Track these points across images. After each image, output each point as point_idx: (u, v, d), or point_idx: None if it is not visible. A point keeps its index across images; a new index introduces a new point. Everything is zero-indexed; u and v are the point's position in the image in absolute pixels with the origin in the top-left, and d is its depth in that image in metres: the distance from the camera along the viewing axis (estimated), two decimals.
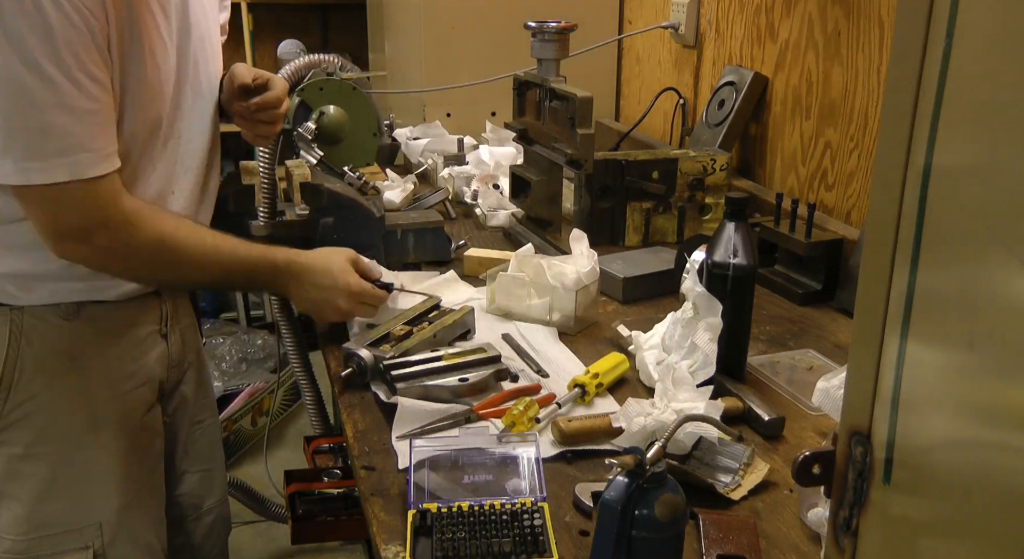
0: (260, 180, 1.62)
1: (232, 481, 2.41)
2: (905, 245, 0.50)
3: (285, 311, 2.10)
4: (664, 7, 2.36)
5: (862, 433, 0.54)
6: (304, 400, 2.24)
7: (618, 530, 0.82)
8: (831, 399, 0.97)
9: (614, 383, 1.28)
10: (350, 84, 1.82)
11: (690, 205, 1.86)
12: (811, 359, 1.38)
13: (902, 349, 0.51)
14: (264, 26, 3.68)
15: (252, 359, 3.29)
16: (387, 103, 2.73)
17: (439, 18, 2.44)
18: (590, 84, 1.76)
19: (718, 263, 1.23)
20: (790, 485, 1.06)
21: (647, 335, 1.34)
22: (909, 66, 0.48)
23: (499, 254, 1.69)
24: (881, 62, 1.62)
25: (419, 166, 2.29)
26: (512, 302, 1.49)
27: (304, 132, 1.75)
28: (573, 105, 1.61)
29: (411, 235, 1.67)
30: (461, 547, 0.93)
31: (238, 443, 3.00)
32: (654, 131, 2.47)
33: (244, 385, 3.12)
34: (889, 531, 0.53)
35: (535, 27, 1.70)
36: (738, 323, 1.25)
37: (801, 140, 1.87)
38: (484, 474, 1.04)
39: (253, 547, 2.59)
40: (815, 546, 0.95)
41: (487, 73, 2.19)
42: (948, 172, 0.47)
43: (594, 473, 1.08)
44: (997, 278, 0.43)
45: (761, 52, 1.99)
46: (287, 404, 3.26)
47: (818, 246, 1.58)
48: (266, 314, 3.82)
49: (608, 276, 1.59)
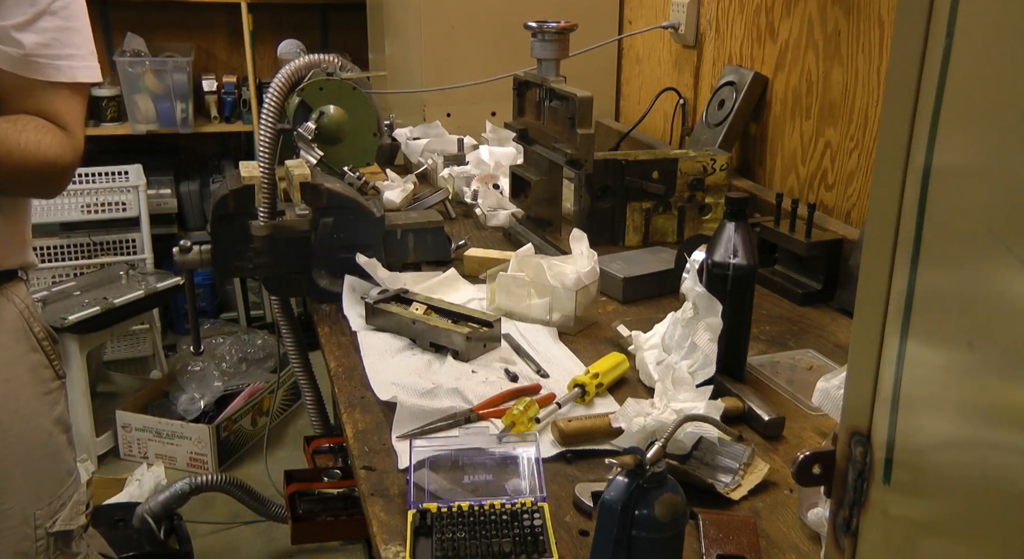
0: (260, 180, 1.61)
1: (232, 481, 2.41)
2: (905, 245, 0.50)
3: (285, 311, 2.10)
4: (664, 7, 2.36)
5: (862, 433, 0.54)
6: (304, 400, 2.25)
7: (618, 530, 0.82)
8: (831, 399, 0.97)
9: (614, 383, 1.28)
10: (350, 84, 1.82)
11: (690, 205, 1.86)
12: (811, 359, 1.38)
13: (902, 349, 0.51)
14: (264, 26, 3.68)
15: (252, 359, 3.29)
16: (387, 103, 2.73)
17: (439, 18, 2.44)
18: (590, 84, 1.76)
19: (718, 263, 1.23)
20: (790, 485, 1.06)
21: (647, 335, 1.34)
22: (909, 66, 0.48)
23: (499, 254, 1.69)
24: (881, 62, 1.62)
25: (419, 166, 2.29)
26: (512, 302, 1.49)
27: (304, 132, 1.74)
28: (573, 105, 1.61)
29: (411, 235, 1.67)
30: (461, 547, 0.93)
31: (238, 443, 3.00)
32: (654, 131, 2.47)
33: (244, 385, 3.12)
34: (889, 531, 0.53)
35: (535, 27, 1.70)
36: (738, 323, 1.25)
37: (801, 140, 1.87)
38: (484, 474, 1.04)
39: (253, 547, 2.59)
40: (815, 546, 0.95)
41: (487, 73, 2.19)
42: (948, 172, 0.47)
43: (594, 473, 1.08)
44: (997, 278, 0.43)
45: (761, 52, 1.99)
46: (287, 404, 3.26)
47: (818, 246, 1.58)
48: (266, 314, 3.82)
49: (608, 276, 1.59)
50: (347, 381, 1.31)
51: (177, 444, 2.89)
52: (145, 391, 3.07)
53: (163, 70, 3.37)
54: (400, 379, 1.26)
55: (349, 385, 1.29)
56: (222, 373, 3.12)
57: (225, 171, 3.67)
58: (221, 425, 2.89)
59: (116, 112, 3.48)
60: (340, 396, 1.27)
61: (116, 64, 3.36)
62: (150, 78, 3.39)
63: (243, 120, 3.61)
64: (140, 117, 3.43)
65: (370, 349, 1.37)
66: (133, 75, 3.36)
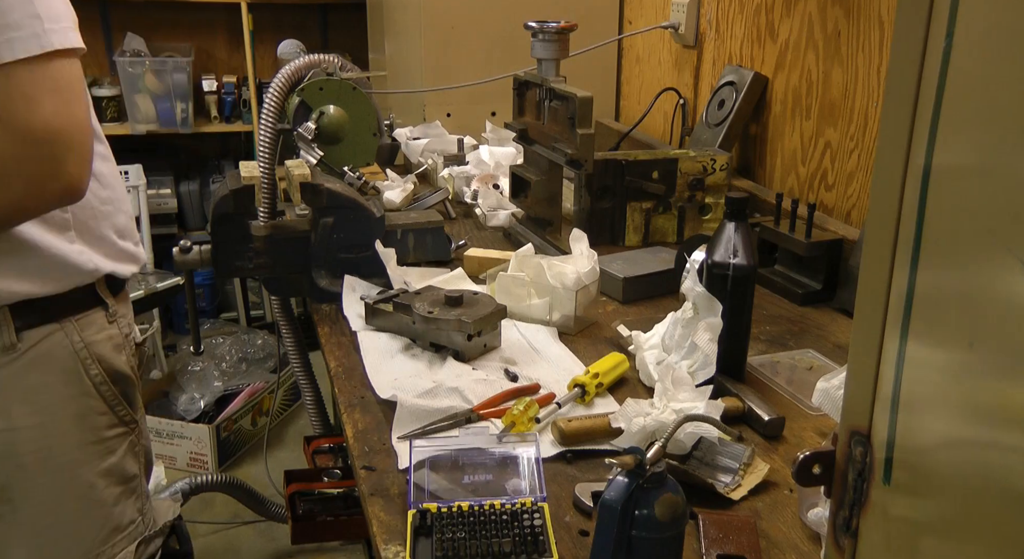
0: (260, 180, 1.62)
1: (232, 481, 2.41)
2: (905, 245, 0.50)
3: (285, 311, 2.10)
4: (664, 7, 2.36)
5: (862, 433, 0.54)
6: (304, 400, 2.24)
7: (618, 530, 0.81)
8: (831, 399, 0.97)
9: (614, 383, 1.28)
10: (350, 84, 1.82)
11: (690, 205, 1.86)
12: (811, 359, 1.38)
13: (902, 349, 0.51)
14: (264, 26, 3.68)
15: (252, 359, 3.29)
16: (387, 103, 2.73)
17: (439, 18, 2.44)
18: (590, 84, 1.76)
19: (718, 263, 1.23)
20: (790, 485, 1.06)
21: (647, 335, 1.34)
22: (909, 66, 0.48)
23: (499, 254, 1.69)
24: (881, 62, 1.62)
25: (419, 166, 2.29)
26: (512, 302, 1.49)
27: (304, 132, 1.74)
28: (573, 105, 1.61)
29: (411, 235, 1.67)
30: (461, 547, 0.93)
31: (238, 443, 3.00)
32: (654, 131, 2.47)
33: (244, 385, 3.12)
34: (889, 531, 0.53)
35: (535, 27, 1.70)
36: (738, 323, 1.25)
37: (801, 140, 1.87)
38: (484, 474, 1.04)
39: (253, 547, 2.59)
40: (815, 546, 0.95)
41: (487, 73, 2.18)
42: (948, 172, 0.47)
43: (594, 473, 1.08)
44: (997, 278, 0.43)
45: (761, 52, 1.98)
46: (287, 404, 3.26)
47: (818, 246, 1.58)
48: (266, 314, 3.82)
49: (608, 276, 1.59)
50: (347, 381, 1.31)
51: (177, 444, 2.89)
52: (145, 391, 3.06)
53: (163, 70, 3.38)
54: (400, 379, 1.26)
55: (349, 385, 1.29)
56: (222, 373, 3.12)
57: (225, 171, 3.67)
58: (221, 425, 2.89)
59: (116, 112, 3.48)
60: (340, 396, 1.27)
61: (116, 64, 3.36)
62: (150, 78, 3.39)
63: (243, 120, 3.61)
64: (140, 117, 3.43)
65: (370, 349, 1.38)
66: (133, 75, 3.36)
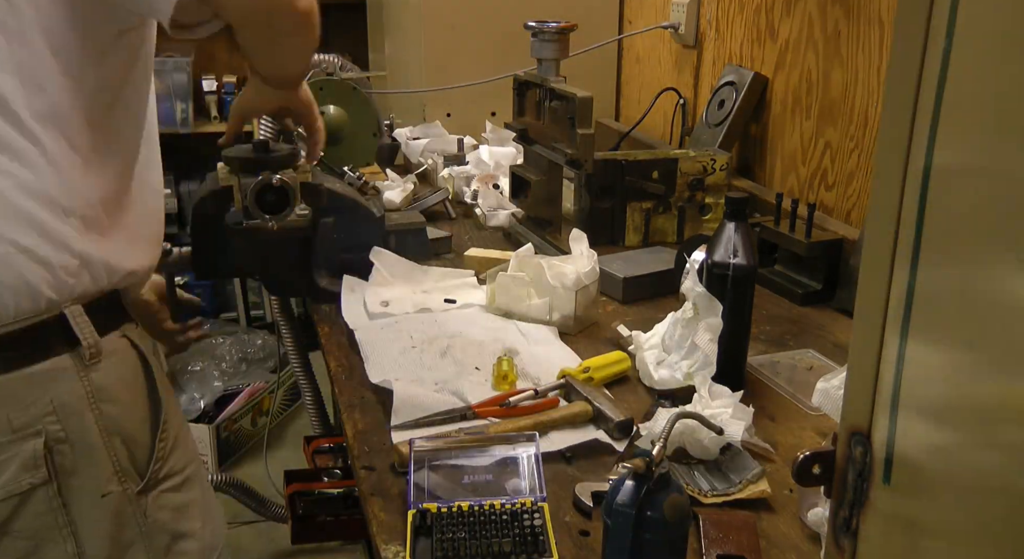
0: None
1: (232, 481, 2.41)
2: (905, 245, 0.50)
3: (285, 311, 2.10)
4: (664, 7, 2.36)
5: (862, 433, 0.54)
6: (304, 400, 2.25)
7: (633, 535, 0.81)
8: (831, 399, 0.97)
9: (610, 379, 1.28)
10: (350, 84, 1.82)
11: (690, 205, 1.86)
12: (811, 359, 1.38)
13: (902, 349, 0.51)
14: None
15: (252, 359, 3.29)
16: (387, 103, 2.73)
17: (439, 18, 2.44)
18: (590, 84, 1.76)
19: (718, 263, 1.23)
20: (790, 485, 1.05)
21: (647, 335, 1.34)
22: (909, 66, 0.48)
23: (499, 254, 1.68)
24: (881, 62, 1.62)
25: (419, 166, 2.29)
26: (512, 302, 1.49)
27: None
28: (573, 105, 1.61)
29: (392, 237, 1.66)
30: (461, 547, 0.93)
31: (238, 443, 3.00)
32: (654, 131, 2.47)
33: (244, 385, 3.12)
34: (889, 531, 0.53)
35: (535, 27, 1.70)
36: (738, 323, 1.25)
37: (801, 140, 1.87)
38: (484, 474, 1.04)
39: (253, 547, 2.59)
40: (815, 546, 0.95)
41: (487, 73, 2.19)
42: (948, 172, 0.47)
43: (594, 473, 1.08)
44: (997, 278, 0.43)
45: (761, 52, 1.98)
46: (287, 404, 3.26)
47: (818, 246, 1.58)
48: (266, 314, 3.82)
49: (608, 276, 1.59)
50: (347, 381, 1.31)
51: None
52: None
53: (163, 70, 3.37)
54: (399, 369, 1.27)
55: (349, 385, 1.29)
56: (222, 373, 3.12)
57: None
58: (221, 425, 2.89)
59: None
60: (340, 396, 1.27)
61: None
62: None
63: None
64: None
65: (370, 349, 1.37)
66: None
